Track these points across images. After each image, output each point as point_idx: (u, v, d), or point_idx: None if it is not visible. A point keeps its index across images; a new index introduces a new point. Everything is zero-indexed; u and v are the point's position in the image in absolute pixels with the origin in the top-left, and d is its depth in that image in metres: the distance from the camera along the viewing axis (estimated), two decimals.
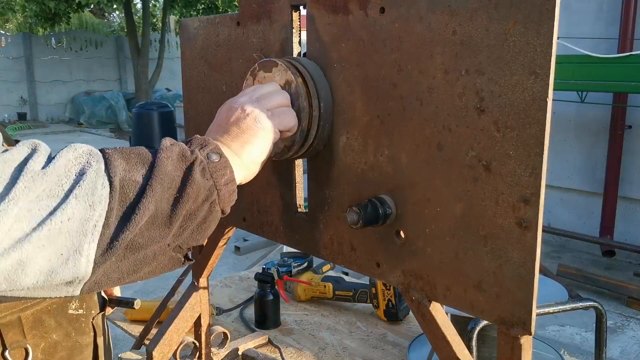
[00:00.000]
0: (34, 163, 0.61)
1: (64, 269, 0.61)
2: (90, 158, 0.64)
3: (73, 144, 0.66)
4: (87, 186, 0.61)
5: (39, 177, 0.59)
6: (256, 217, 1.13)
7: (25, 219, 0.58)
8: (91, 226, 0.61)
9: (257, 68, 0.96)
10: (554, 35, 0.65)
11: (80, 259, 0.61)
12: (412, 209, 0.83)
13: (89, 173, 0.62)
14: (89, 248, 0.61)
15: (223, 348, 1.57)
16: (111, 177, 0.64)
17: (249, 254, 5.23)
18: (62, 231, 0.59)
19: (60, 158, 0.63)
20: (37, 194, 0.59)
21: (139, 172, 0.67)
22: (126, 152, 0.68)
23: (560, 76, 4.06)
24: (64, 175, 0.61)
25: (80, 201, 0.61)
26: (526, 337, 0.73)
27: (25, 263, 0.58)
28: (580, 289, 4.28)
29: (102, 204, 0.62)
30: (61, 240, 0.60)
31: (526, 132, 0.68)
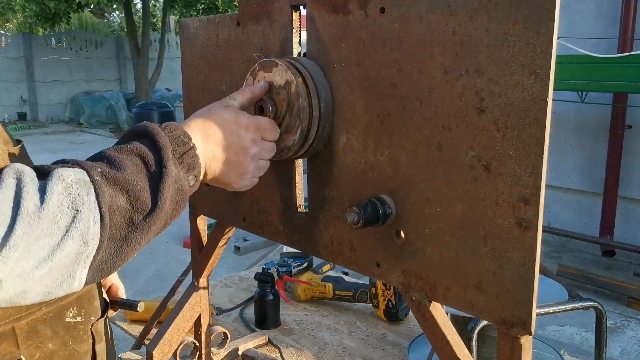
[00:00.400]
0: (26, 202, 0.63)
1: (58, 291, 0.68)
2: (80, 189, 0.67)
3: (58, 169, 0.68)
4: (82, 226, 0.66)
5: (35, 220, 0.63)
6: (256, 217, 1.13)
7: (25, 259, 0.63)
8: (84, 257, 0.67)
9: (257, 68, 0.96)
10: (554, 35, 0.65)
11: (73, 282, 0.68)
12: (412, 209, 0.83)
13: (83, 210, 0.66)
14: (81, 273, 0.68)
15: (223, 348, 1.57)
16: (101, 209, 0.68)
17: (249, 254, 5.24)
18: (59, 266, 0.66)
19: (52, 194, 0.65)
20: (36, 235, 0.63)
21: (123, 197, 0.71)
22: (112, 175, 0.70)
23: (560, 76, 4.06)
24: (58, 211, 0.65)
25: (75, 240, 0.66)
26: (526, 337, 0.73)
27: (26, 292, 0.65)
28: (580, 289, 4.28)
29: (94, 240, 0.67)
30: (57, 272, 0.66)
31: (526, 132, 0.68)
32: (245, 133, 0.88)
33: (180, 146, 0.79)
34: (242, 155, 0.88)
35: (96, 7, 17.82)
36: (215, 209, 1.24)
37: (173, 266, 4.93)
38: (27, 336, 0.90)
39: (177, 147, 0.78)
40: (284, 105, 0.93)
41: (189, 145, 0.80)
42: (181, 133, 0.80)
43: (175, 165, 0.76)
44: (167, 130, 0.79)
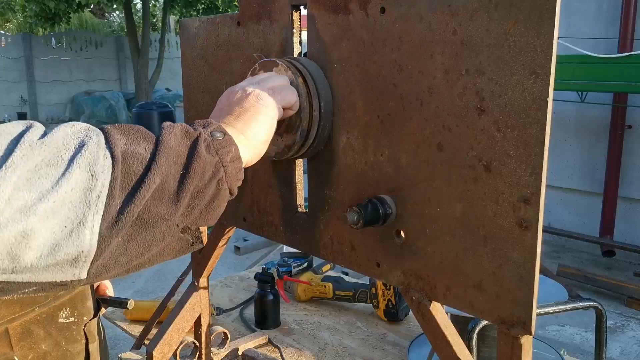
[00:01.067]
0: (30, 135, 0.58)
1: (67, 242, 0.58)
2: (89, 132, 0.62)
3: (70, 122, 0.64)
4: (88, 156, 0.59)
5: (37, 146, 0.57)
6: (256, 217, 1.13)
7: (25, 188, 0.55)
8: (94, 197, 0.59)
9: (258, 68, 0.96)
10: (554, 35, 0.65)
11: (84, 231, 0.58)
12: (412, 209, 0.83)
13: (90, 144, 0.60)
14: (93, 220, 0.59)
15: (223, 348, 1.57)
16: (112, 150, 0.61)
17: (249, 254, 5.23)
18: (65, 202, 0.57)
19: (59, 131, 0.61)
20: (36, 163, 0.56)
21: (141, 145, 0.65)
22: (125, 128, 0.66)
23: (560, 76, 4.06)
24: (62, 146, 0.59)
25: (82, 170, 0.58)
26: (526, 337, 0.73)
27: (29, 235, 0.56)
28: (580, 289, 4.28)
29: (104, 174, 0.59)
30: (64, 212, 0.57)
31: (526, 132, 0.68)
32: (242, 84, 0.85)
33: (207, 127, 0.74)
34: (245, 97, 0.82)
35: (96, 7, 17.82)
36: None
37: (173, 266, 4.93)
38: (21, 337, 0.90)
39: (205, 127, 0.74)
40: None
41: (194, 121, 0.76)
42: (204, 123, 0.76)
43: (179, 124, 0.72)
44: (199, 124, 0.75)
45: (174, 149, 0.67)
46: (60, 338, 0.96)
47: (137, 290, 4.49)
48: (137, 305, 1.88)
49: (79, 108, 15.43)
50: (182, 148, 0.68)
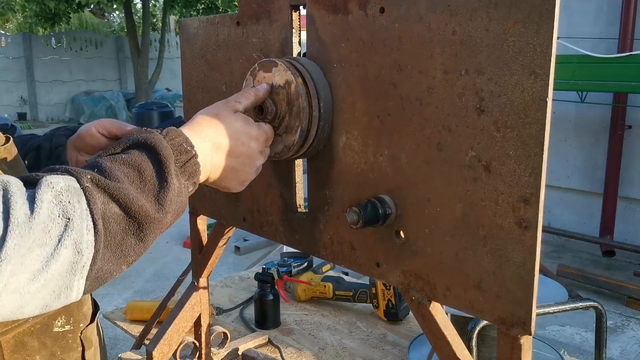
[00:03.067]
0: (15, 212, 0.61)
1: (56, 303, 0.66)
2: (70, 196, 0.65)
3: (47, 176, 0.66)
4: (74, 235, 0.64)
5: (26, 231, 0.61)
6: (256, 217, 1.13)
7: (19, 272, 0.60)
8: (80, 267, 0.65)
9: (257, 68, 0.96)
10: (553, 35, 0.65)
11: (70, 293, 0.66)
12: (412, 209, 0.83)
13: (74, 218, 0.64)
14: (79, 284, 0.66)
15: (223, 348, 1.57)
16: (94, 216, 0.65)
17: (249, 254, 5.23)
18: (54, 276, 0.63)
19: (42, 203, 0.63)
20: (28, 246, 0.61)
21: (115, 205, 0.69)
22: (102, 183, 0.68)
23: (560, 76, 4.06)
24: (49, 220, 0.63)
25: (69, 250, 0.63)
26: (526, 337, 0.73)
27: (23, 307, 0.63)
28: (580, 289, 4.28)
29: (89, 249, 0.65)
30: (53, 283, 0.64)
31: (526, 132, 0.68)
32: (256, 145, 0.89)
33: (183, 154, 0.77)
34: (249, 165, 0.89)
35: (96, 7, 17.82)
36: (215, 209, 1.24)
37: (173, 266, 4.93)
38: (14, 350, 0.88)
39: (179, 155, 0.77)
40: (284, 105, 0.93)
41: (191, 154, 0.78)
42: (183, 140, 0.78)
43: (177, 177, 0.75)
44: (169, 138, 0.77)
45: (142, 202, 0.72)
46: (55, 348, 0.94)
47: (137, 290, 4.49)
48: (137, 305, 1.89)
49: (79, 108, 15.43)
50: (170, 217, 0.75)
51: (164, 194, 0.72)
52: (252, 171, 0.90)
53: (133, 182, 0.71)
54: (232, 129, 0.87)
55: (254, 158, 0.90)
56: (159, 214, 0.72)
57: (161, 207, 0.72)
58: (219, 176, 0.87)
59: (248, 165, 0.89)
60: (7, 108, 15.43)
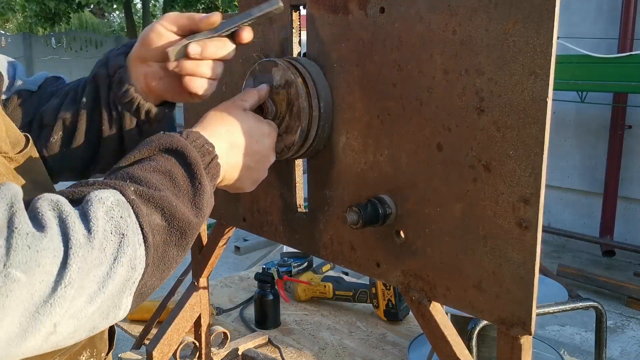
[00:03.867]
0: (75, 233, 0.59)
1: (104, 323, 0.63)
2: (121, 210, 0.63)
3: (94, 192, 0.63)
4: (129, 251, 0.62)
5: (88, 252, 0.59)
6: (256, 217, 1.13)
7: (78, 295, 0.58)
8: (131, 284, 0.63)
9: (257, 68, 0.96)
10: (554, 35, 0.65)
11: (118, 312, 0.64)
12: (412, 209, 0.83)
13: (128, 234, 0.62)
14: (127, 301, 0.64)
15: (223, 348, 1.57)
16: (144, 229, 0.64)
17: (249, 254, 5.23)
18: (109, 297, 0.61)
19: (98, 221, 0.60)
20: (87, 269, 0.59)
21: (158, 214, 0.67)
22: (145, 194, 0.67)
23: (560, 76, 4.06)
24: (103, 239, 0.61)
25: (124, 267, 0.62)
26: (526, 337, 0.73)
27: (77, 331, 0.61)
28: (580, 289, 4.28)
29: (141, 264, 0.63)
30: (106, 304, 0.62)
31: (526, 132, 0.68)
32: (269, 141, 0.89)
33: (206, 156, 0.76)
34: (263, 163, 0.88)
35: (96, 7, 17.83)
36: (215, 209, 1.24)
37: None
38: None
39: (203, 157, 0.75)
40: (284, 105, 0.93)
41: (213, 154, 0.77)
42: (204, 142, 0.76)
43: (207, 180, 0.74)
44: (191, 139, 0.75)
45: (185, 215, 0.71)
46: None
47: None
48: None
49: None
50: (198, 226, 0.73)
51: (199, 198, 0.71)
52: (266, 169, 0.89)
53: (169, 189, 0.69)
54: (246, 127, 0.85)
55: (268, 155, 0.89)
56: (198, 218, 0.70)
57: (199, 211, 0.71)
58: (236, 176, 0.85)
59: (262, 163, 0.88)
60: None
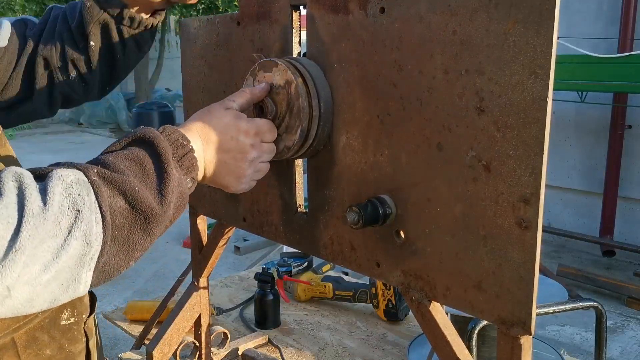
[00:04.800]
0: (30, 204, 0.63)
1: (64, 296, 0.67)
2: (80, 189, 0.67)
3: (57, 170, 0.67)
4: (84, 227, 0.65)
5: (41, 222, 0.62)
6: (256, 217, 1.13)
7: (31, 262, 0.62)
8: (88, 259, 0.66)
9: (257, 68, 0.96)
10: (554, 35, 0.65)
11: (78, 286, 0.67)
12: (412, 209, 0.83)
13: (84, 211, 0.66)
14: (87, 276, 0.67)
15: (223, 348, 1.57)
16: (102, 209, 0.67)
17: (249, 254, 5.23)
18: (64, 268, 0.65)
19: (54, 195, 0.64)
20: (41, 238, 0.62)
21: (122, 198, 0.70)
22: (109, 176, 0.70)
23: (560, 76, 4.06)
24: (59, 212, 0.64)
25: (79, 241, 0.65)
26: (526, 337, 0.73)
27: (33, 299, 0.64)
28: (580, 289, 4.28)
29: (97, 241, 0.66)
30: (63, 276, 0.65)
31: (526, 132, 0.68)
32: (245, 138, 0.89)
33: (180, 149, 0.80)
34: (241, 160, 0.89)
35: None
36: (215, 209, 1.24)
37: (173, 266, 4.93)
38: (26, 345, 0.90)
39: (176, 149, 0.79)
40: (284, 105, 0.93)
41: (187, 148, 0.81)
42: (179, 136, 0.81)
43: (176, 169, 0.77)
44: (166, 133, 0.80)
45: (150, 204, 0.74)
46: (63, 340, 0.96)
47: (137, 290, 4.49)
48: (137, 305, 1.89)
49: (79, 108, 15.41)
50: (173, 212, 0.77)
51: (165, 185, 0.74)
52: (246, 165, 0.90)
53: (136, 176, 0.73)
54: (220, 124, 0.88)
55: (245, 152, 0.89)
56: (161, 206, 0.73)
57: (163, 198, 0.74)
58: (213, 172, 0.88)
59: (240, 160, 0.89)
60: None
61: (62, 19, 1.12)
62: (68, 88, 1.13)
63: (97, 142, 11.94)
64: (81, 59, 1.11)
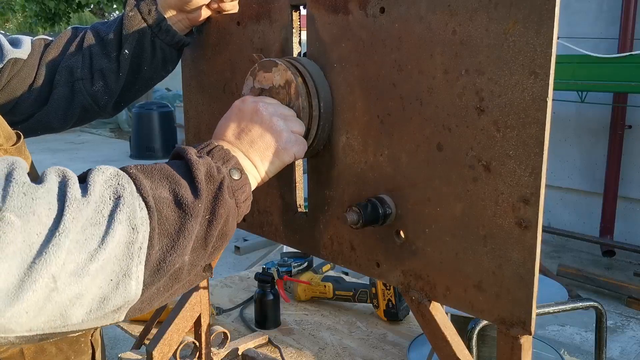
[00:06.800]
0: (73, 190, 0.61)
1: (115, 295, 0.62)
2: (120, 179, 0.65)
3: (99, 166, 0.66)
4: (127, 210, 0.62)
5: (84, 205, 0.60)
6: (256, 217, 1.13)
7: (76, 250, 0.58)
8: (137, 248, 0.62)
9: (257, 68, 0.96)
10: (554, 35, 0.65)
11: (130, 282, 0.62)
12: (412, 209, 0.83)
13: (125, 196, 0.63)
14: (137, 270, 0.63)
15: (223, 348, 1.57)
16: (146, 198, 0.65)
17: (249, 254, 5.23)
18: (111, 258, 0.60)
19: (95, 185, 0.63)
20: (82, 224, 0.59)
21: (166, 188, 0.68)
22: (148, 170, 0.69)
23: (560, 76, 4.06)
24: (100, 202, 0.62)
25: (124, 225, 0.61)
26: (526, 337, 0.73)
27: (82, 295, 0.59)
28: (580, 289, 4.28)
29: (144, 226, 0.63)
30: (110, 267, 0.61)
31: (526, 132, 0.68)
32: (246, 103, 0.87)
33: (205, 147, 0.78)
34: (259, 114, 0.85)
35: (96, 7, 17.83)
36: None
37: None
38: (34, 356, 0.89)
39: (201, 148, 0.78)
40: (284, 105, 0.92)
41: (212, 144, 0.79)
42: (204, 144, 0.79)
43: (202, 157, 0.74)
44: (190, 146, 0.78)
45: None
46: (70, 352, 0.96)
47: None
48: None
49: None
50: (208, 194, 0.72)
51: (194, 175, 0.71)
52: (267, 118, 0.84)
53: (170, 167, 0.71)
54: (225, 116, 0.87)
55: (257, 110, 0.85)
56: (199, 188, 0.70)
57: (198, 194, 0.70)
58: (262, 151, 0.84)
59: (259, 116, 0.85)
60: None
61: (93, 32, 1.14)
62: (90, 99, 1.14)
63: (97, 142, 11.94)
64: (110, 68, 1.12)
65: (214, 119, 1.18)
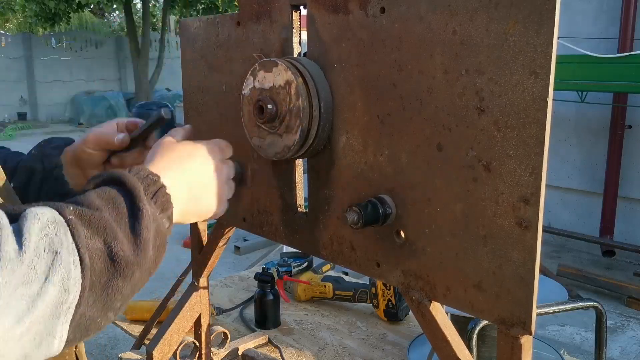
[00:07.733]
0: (7, 247, 0.56)
1: (37, 353, 0.60)
2: (57, 229, 0.61)
3: (31, 208, 0.62)
4: (62, 271, 0.59)
5: (17, 265, 0.56)
6: (256, 217, 1.13)
7: (3, 314, 0.55)
8: (65, 308, 0.60)
9: (257, 68, 0.96)
10: (554, 35, 0.65)
11: (53, 341, 0.60)
12: (412, 209, 0.83)
13: (62, 252, 0.60)
14: (62, 329, 0.61)
15: (223, 348, 1.57)
16: (80, 250, 0.61)
17: (249, 254, 5.23)
18: (39, 319, 0.58)
19: (31, 235, 0.58)
20: (14, 285, 0.56)
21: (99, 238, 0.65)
22: (85, 214, 0.65)
23: (560, 76, 4.06)
24: (34, 255, 0.58)
25: (56, 286, 0.59)
26: (526, 337, 0.73)
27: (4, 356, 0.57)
28: (580, 289, 4.28)
29: (76, 286, 0.60)
30: (36, 327, 0.58)
31: (526, 132, 0.68)
32: (213, 157, 0.90)
33: (151, 185, 0.75)
34: (218, 178, 0.89)
35: (96, 7, 17.84)
36: None
37: (173, 266, 4.92)
38: None
39: (147, 186, 0.74)
40: (284, 105, 0.93)
41: (159, 184, 0.76)
42: (148, 173, 0.76)
43: (150, 205, 0.72)
44: (134, 171, 0.75)
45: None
46: None
47: None
48: (137, 305, 1.89)
49: (79, 108, 15.43)
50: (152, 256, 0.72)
51: (139, 222, 0.69)
52: (223, 182, 0.90)
53: (110, 212, 0.68)
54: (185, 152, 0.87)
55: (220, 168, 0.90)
56: (140, 245, 0.68)
57: (140, 237, 0.68)
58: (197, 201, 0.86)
59: (217, 179, 0.89)
60: (7, 108, 15.45)
61: None
62: None
63: None
64: None
65: (214, 119, 1.18)
